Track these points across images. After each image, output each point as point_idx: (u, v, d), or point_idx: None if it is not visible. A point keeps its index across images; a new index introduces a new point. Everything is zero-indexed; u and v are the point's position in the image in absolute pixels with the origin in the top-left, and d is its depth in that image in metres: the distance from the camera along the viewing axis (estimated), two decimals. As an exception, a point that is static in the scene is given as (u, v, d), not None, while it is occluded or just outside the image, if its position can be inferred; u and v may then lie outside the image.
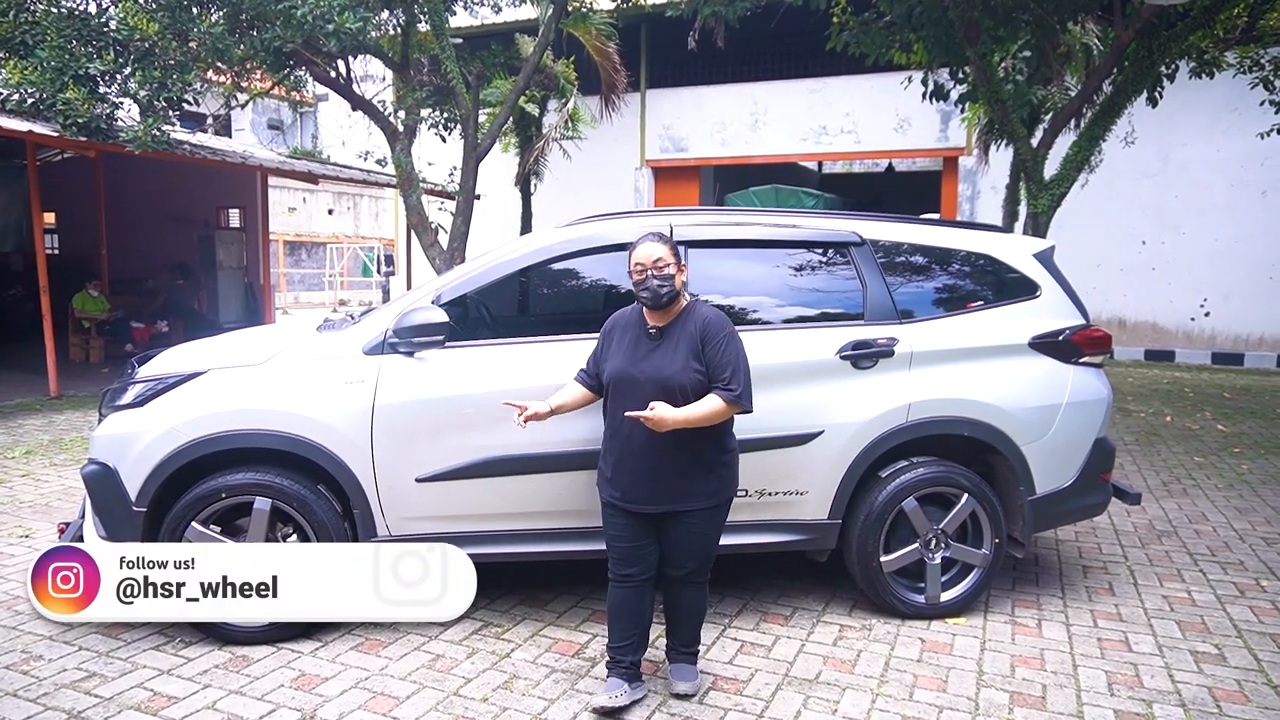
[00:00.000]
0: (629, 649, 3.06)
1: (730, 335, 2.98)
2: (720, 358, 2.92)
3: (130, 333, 11.95)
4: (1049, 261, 4.03)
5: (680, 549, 3.04)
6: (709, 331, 2.96)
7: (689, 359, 2.93)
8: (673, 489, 2.96)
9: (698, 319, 2.99)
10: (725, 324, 3.01)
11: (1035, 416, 3.80)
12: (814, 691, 3.17)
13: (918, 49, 9.04)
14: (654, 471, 2.95)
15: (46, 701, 3.03)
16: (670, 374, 2.92)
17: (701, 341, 2.95)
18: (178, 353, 3.80)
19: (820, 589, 4.12)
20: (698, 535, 3.02)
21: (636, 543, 3.04)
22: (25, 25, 8.40)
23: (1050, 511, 3.90)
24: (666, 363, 2.94)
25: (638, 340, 3.04)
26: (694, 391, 2.91)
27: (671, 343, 2.98)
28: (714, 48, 11.65)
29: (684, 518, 2.99)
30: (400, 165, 9.81)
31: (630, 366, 2.99)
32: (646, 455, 2.94)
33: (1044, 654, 3.49)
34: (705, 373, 2.93)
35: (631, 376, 2.97)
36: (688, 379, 2.91)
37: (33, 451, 6.85)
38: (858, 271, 3.81)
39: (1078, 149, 8.30)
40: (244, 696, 3.07)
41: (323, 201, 24.89)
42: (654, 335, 3.02)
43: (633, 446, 2.97)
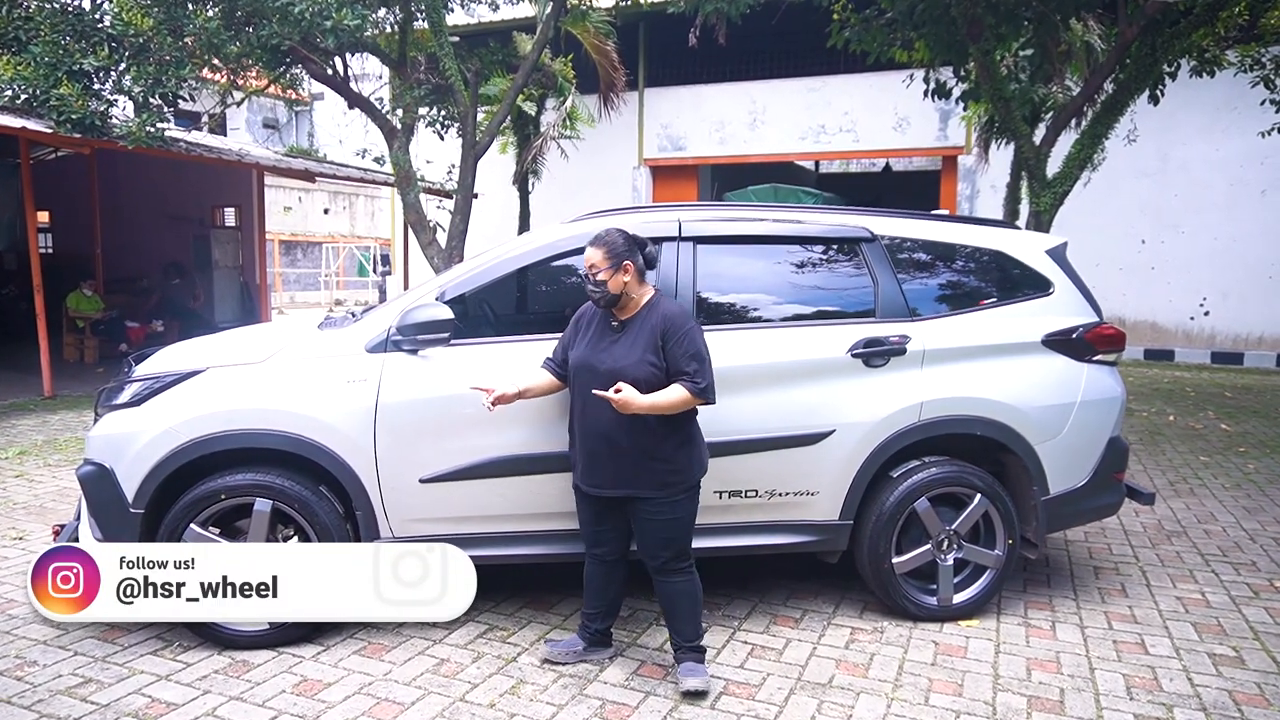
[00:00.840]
0: (596, 617, 3.30)
1: (691, 329, 3.02)
2: (683, 352, 2.97)
3: (125, 332, 11.84)
4: (1062, 258, 3.98)
5: (647, 537, 3.09)
6: (670, 327, 3.01)
7: (645, 353, 3.00)
8: (629, 475, 3.02)
9: (659, 314, 3.05)
10: (686, 319, 3.06)
11: (1049, 415, 3.74)
12: (827, 696, 3.11)
13: (919, 46, 8.99)
14: (611, 457, 3.03)
15: (42, 709, 2.95)
16: (624, 366, 2.98)
17: (663, 337, 3.00)
18: (176, 351, 3.72)
19: (829, 591, 4.06)
20: (662, 523, 3.05)
21: (599, 526, 3.19)
22: (18, 21, 8.31)
23: (1064, 512, 3.84)
24: (625, 355, 3.02)
25: (602, 332, 3.12)
26: (647, 385, 2.95)
27: (632, 336, 3.05)
28: (713, 46, 11.59)
29: (643, 505, 3.05)
30: (398, 163, 9.73)
31: (591, 357, 3.07)
32: (604, 441, 3.02)
33: (1059, 657, 3.43)
34: (661, 367, 2.99)
35: (591, 367, 3.05)
36: (641, 372, 2.96)
37: (26, 452, 6.76)
38: (869, 268, 3.74)
39: (1080, 147, 8.26)
40: (244, 703, 2.99)
41: (318, 201, 24.78)
42: (616, 328, 3.09)
43: (593, 432, 3.05)
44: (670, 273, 3.56)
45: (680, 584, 3.13)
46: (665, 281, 3.55)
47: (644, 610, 3.81)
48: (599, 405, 2.96)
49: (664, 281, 3.56)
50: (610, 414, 2.95)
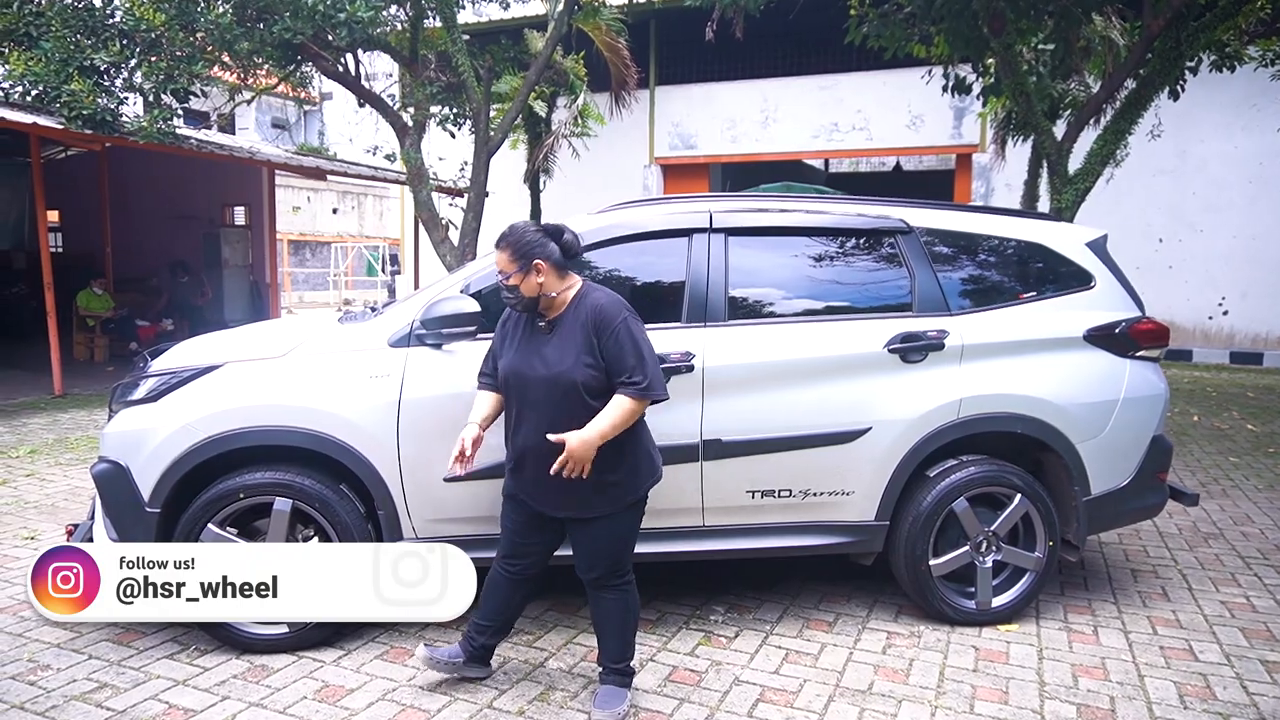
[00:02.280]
0: (485, 630, 3.03)
1: (625, 322, 2.71)
2: (619, 350, 2.68)
3: (135, 331, 11.78)
4: (1103, 250, 3.86)
5: (588, 551, 2.85)
6: (602, 322, 2.71)
7: (581, 354, 2.70)
8: (576, 499, 2.76)
9: (589, 308, 2.75)
10: (618, 310, 2.74)
11: (1091, 413, 3.62)
12: (869, 704, 2.99)
13: (938, 41, 8.86)
14: (545, 479, 2.70)
15: (55, 715, 2.85)
16: (562, 370, 2.70)
17: (596, 333, 2.71)
18: (193, 345, 3.62)
19: (862, 594, 3.94)
20: (607, 539, 2.82)
21: (526, 539, 2.93)
22: (29, 16, 8.24)
23: (1106, 513, 3.72)
24: (557, 358, 2.72)
25: (531, 334, 2.83)
26: (587, 389, 2.69)
27: (563, 336, 2.76)
28: (725, 44, 11.47)
29: (590, 522, 2.81)
30: (410, 161, 9.63)
31: (522, 363, 2.78)
32: (537, 458, 2.73)
33: (1105, 663, 3.31)
34: (600, 367, 2.70)
35: (523, 374, 2.77)
36: (579, 376, 2.69)
37: (37, 451, 6.68)
38: (905, 261, 3.63)
39: (1103, 142, 8.12)
40: (265, 710, 2.89)
41: (327, 201, 24.73)
42: (545, 329, 2.81)
43: (532, 454, 2.76)
44: (701, 266, 3.46)
45: (615, 600, 2.88)
46: (696, 275, 3.45)
47: (672, 614, 3.70)
48: (532, 418, 2.72)
49: (695, 275, 3.46)
50: (564, 426, 2.65)
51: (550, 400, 2.71)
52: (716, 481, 3.38)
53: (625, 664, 2.92)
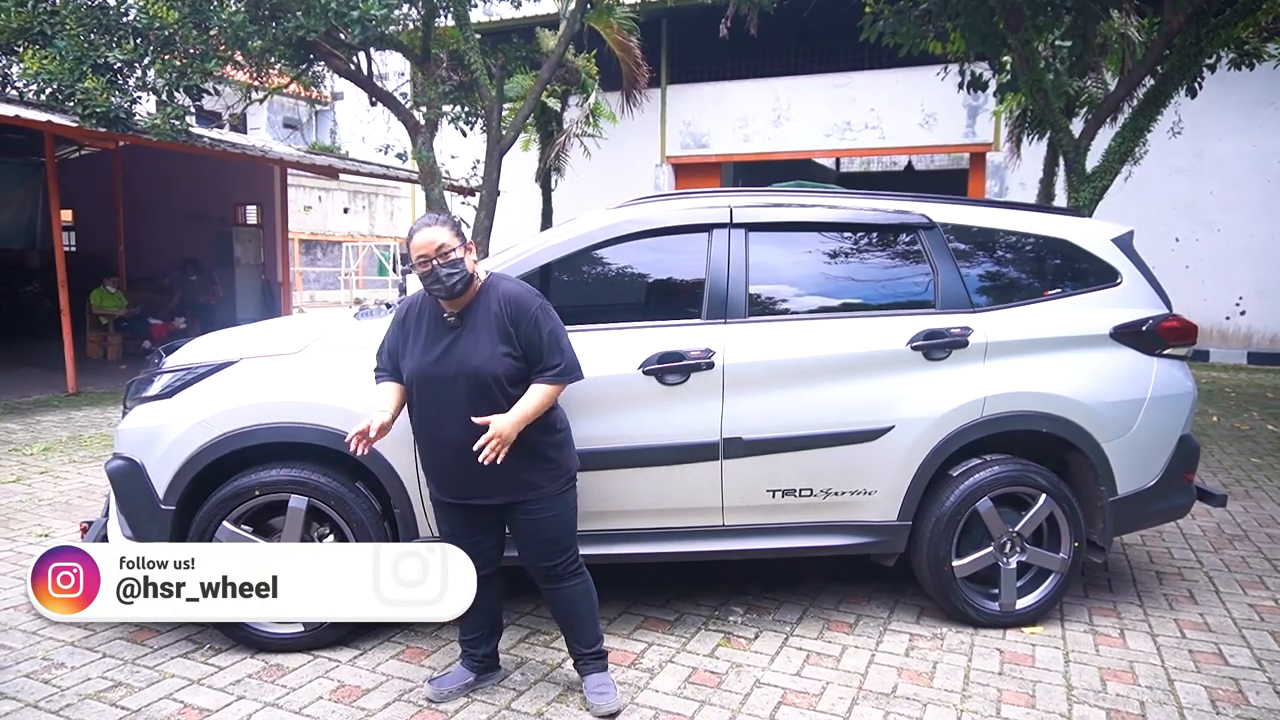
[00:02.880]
0: (479, 641, 2.99)
1: (541, 309, 2.71)
2: (538, 338, 2.68)
3: (148, 329, 11.81)
4: (1128, 247, 3.79)
5: (533, 539, 2.81)
6: (518, 310, 2.68)
7: (496, 344, 2.67)
8: (506, 481, 2.74)
9: (500, 296, 2.72)
10: (533, 298, 2.73)
11: (1117, 412, 3.55)
12: (893, 707, 2.94)
13: (954, 38, 8.79)
14: (477, 469, 2.67)
15: (70, 714, 2.82)
16: (478, 364, 2.66)
17: (512, 323, 2.68)
18: (208, 341, 3.59)
19: (882, 595, 3.88)
20: (546, 522, 2.79)
21: (472, 538, 2.86)
22: (44, 15, 8.26)
23: (1132, 513, 3.65)
24: (472, 352, 2.67)
25: (436, 332, 2.75)
26: (509, 378, 2.67)
27: (473, 328, 2.70)
28: (737, 43, 11.40)
29: (525, 506, 2.78)
30: (422, 159, 9.61)
31: (433, 364, 2.71)
32: (464, 454, 2.67)
33: (1134, 667, 3.24)
34: (519, 355, 2.68)
35: (438, 374, 2.70)
36: (500, 366, 2.66)
37: (51, 448, 6.67)
38: (928, 257, 3.57)
39: (1121, 140, 8.03)
40: (281, 710, 2.86)
41: (338, 200, 24.78)
42: (453, 323, 2.73)
43: (448, 447, 2.73)
44: (721, 261, 3.41)
45: (578, 587, 2.86)
46: (716, 271, 3.40)
47: (690, 615, 3.65)
48: (452, 417, 2.67)
49: (714, 271, 3.41)
50: (469, 424, 2.62)
51: (470, 396, 2.66)
52: (737, 480, 3.33)
53: (600, 645, 2.93)
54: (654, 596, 3.81)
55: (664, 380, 3.26)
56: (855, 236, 3.64)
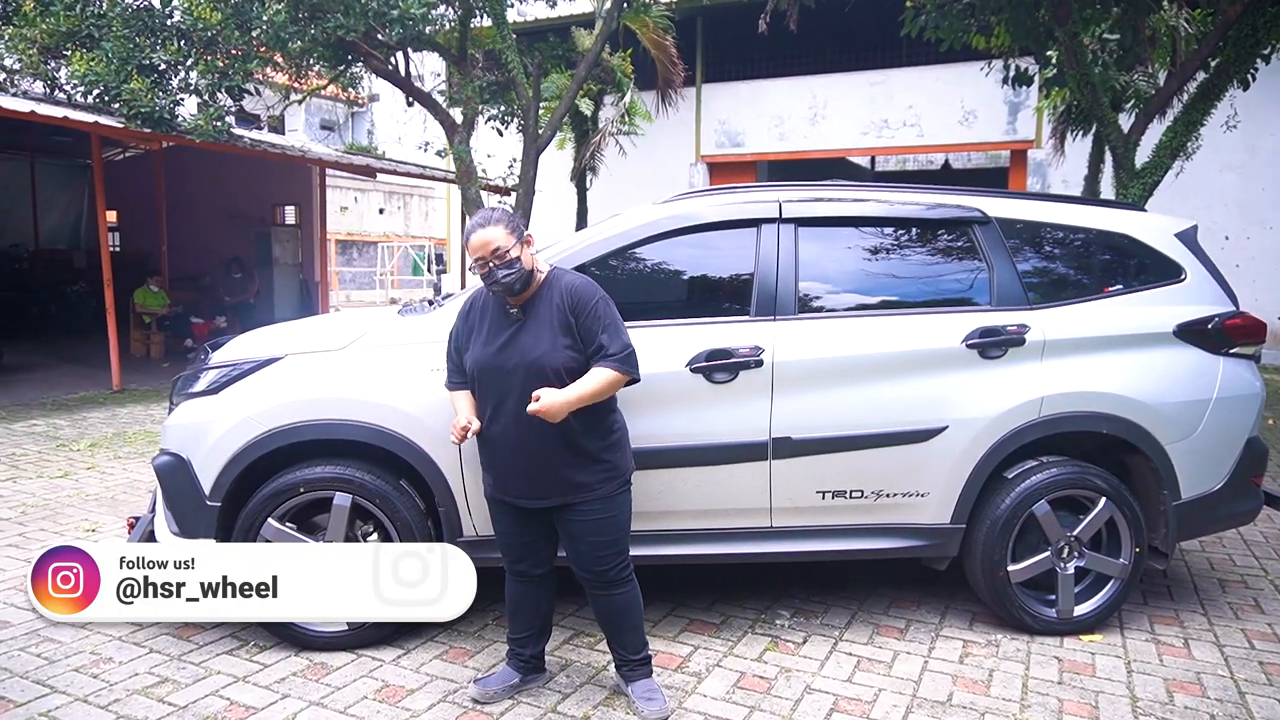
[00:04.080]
0: (526, 641, 2.95)
1: (602, 300, 2.67)
2: (597, 328, 2.63)
3: (190, 328, 11.98)
4: (1193, 242, 3.65)
5: (584, 542, 2.75)
6: (579, 302, 2.65)
7: (558, 336, 2.64)
8: (558, 483, 2.70)
9: (562, 289, 2.68)
10: (594, 290, 2.69)
11: (1181, 412, 3.42)
12: (949, 716, 2.85)
13: (998, 32, 8.62)
14: (534, 468, 2.68)
15: (119, 709, 2.82)
16: (538, 356, 2.62)
17: (573, 314, 2.64)
18: (253, 337, 3.59)
19: (932, 600, 3.78)
20: (599, 524, 2.73)
21: (525, 538, 2.85)
22: (91, 18, 8.39)
23: (1197, 518, 3.51)
24: (533, 344, 2.64)
25: (499, 324, 2.73)
26: (569, 372, 2.62)
27: (536, 321, 2.67)
28: (773, 41, 11.30)
29: (577, 508, 2.72)
30: (460, 158, 9.64)
31: (494, 355, 2.69)
32: (523, 451, 2.67)
33: (1201, 679, 3.12)
34: (579, 348, 2.64)
35: (498, 366, 2.67)
36: (561, 359, 2.62)
37: (97, 444, 6.77)
38: (983, 252, 3.47)
39: (1173, 134, 7.81)
40: (326, 709, 2.83)
41: (374, 201, 25.01)
42: (516, 316, 2.71)
43: (508, 442, 2.70)
44: (770, 257, 3.33)
45: (628, 594, 2.81)
46: (765, 267, 3.33)
47: (737, 618, 3.58)
48: (510, 409, 2.65)
49: (763, 267, 3.34)
50: (531, 420, 2.58)
51: (528, 389, 2.61)
52: (786, 481, 3.26)
53: (646, 650, 2.88)
54: (698, 598, 3.74)
55: (712, 378, 3.19)
56: (908, 232, 3.55)
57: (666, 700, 2.83)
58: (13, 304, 13.20)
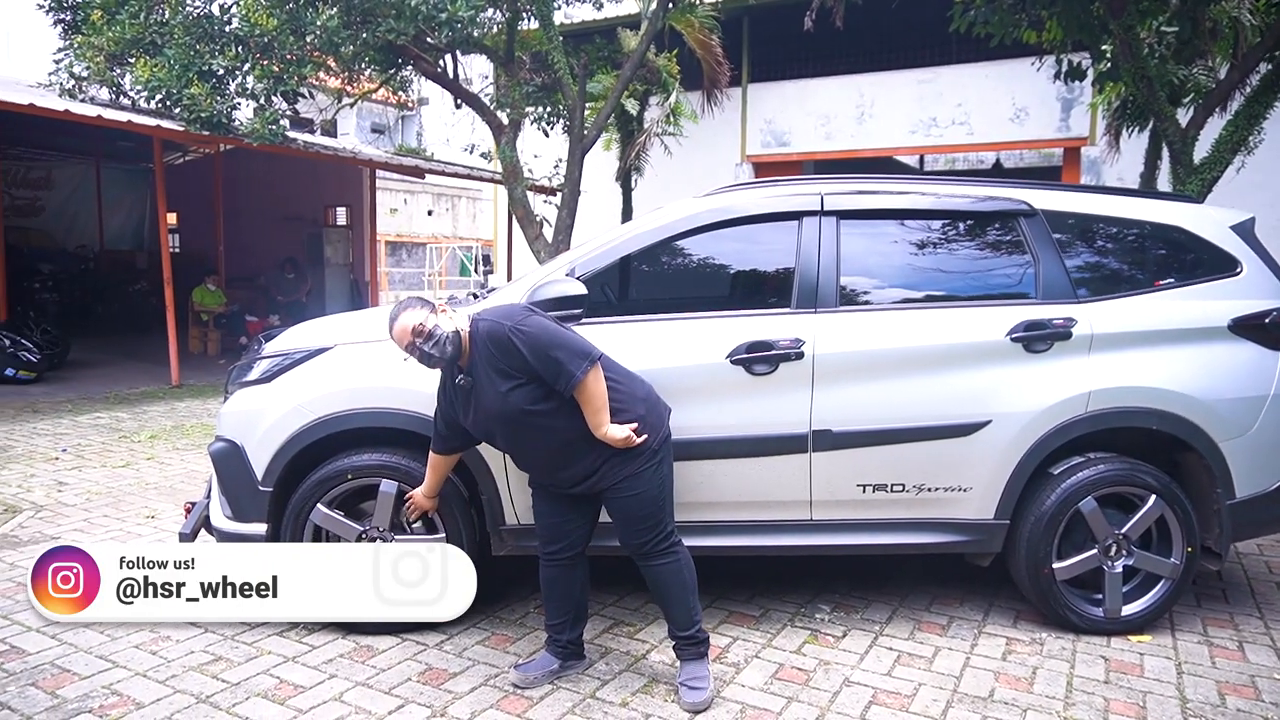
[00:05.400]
0: (563, 627, 3.00)
1: (512, 331, 2.69)
2: (526, 364, 2.68)
3: (245, 326, 12.32)
4: (1249, 235, 3.56)
5: (624, 517, 2.84)
6: (499, 347, 2.71)
7: (498, 385, 2.73)
8: (596, 476, 2.80)
9: (480, 341, 2.76)
10: (503, 328, 2.71)
11: (1236, 409, 3.34)
12: (990, 711, 2.82)
13: (1050, 26, 8.45)
14: (561, 465, 2.83)
15: (175, 684, 2.93)
16: (498, 410, 2.76)
17: (503, 359, 2.72)
18: (304, 328, 3.70)
19: (976, 596, 3.74)
20: (635, 499, 2.80)
21: (561, 518, 2.94)
22: (155, 26, 8.69)
23: (1252, 518, 3.42)
24: (489, 402, 2.77)
25: (462, 394, 2.86)
26: (531, 403, 2.72)
27: (480, 378, 2.78)
28: (819, 39, 11.21)
29: (617, 486, 2.80)
30: (506, 159, 9.76)
31: (475, 423, 2.87)
32: (546, 460, 2.87)
33: (1255, 682, 3.04)
34: (526, 379, 2.71)
35: (482, 428, 2.87)
36: (515, 401, 2.72)
37: (157, 436, 7.01)
38: (1029, 245, 3.42)
39: (1234, 128, 7.56)
40: (371, 689, 2.91)
41: (422, 203, 25.39)
42: (466, 384, 2.82)
43: (528, 461, 2.94)
44: (812, 250, 3.33)
45: (670, 566, 2.85)
46: (806, 259, 3.33)
47: (776, 610, 3.58)
48: (516, 447, 2.89)
49: (804, 259, 3.34)
50: (546, 441, 2.78)
51: (518, 433, 2.81)
52: (826, 474, 3.25)
53: (696, 629, 2.88)
54: (739, 590, 3.75)
55: (752, 370, 3.20)
56: (951, 224, 3.52)
57: (709, 691, 2.83)
58: (80, 303, 13.71)
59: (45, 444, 6.67)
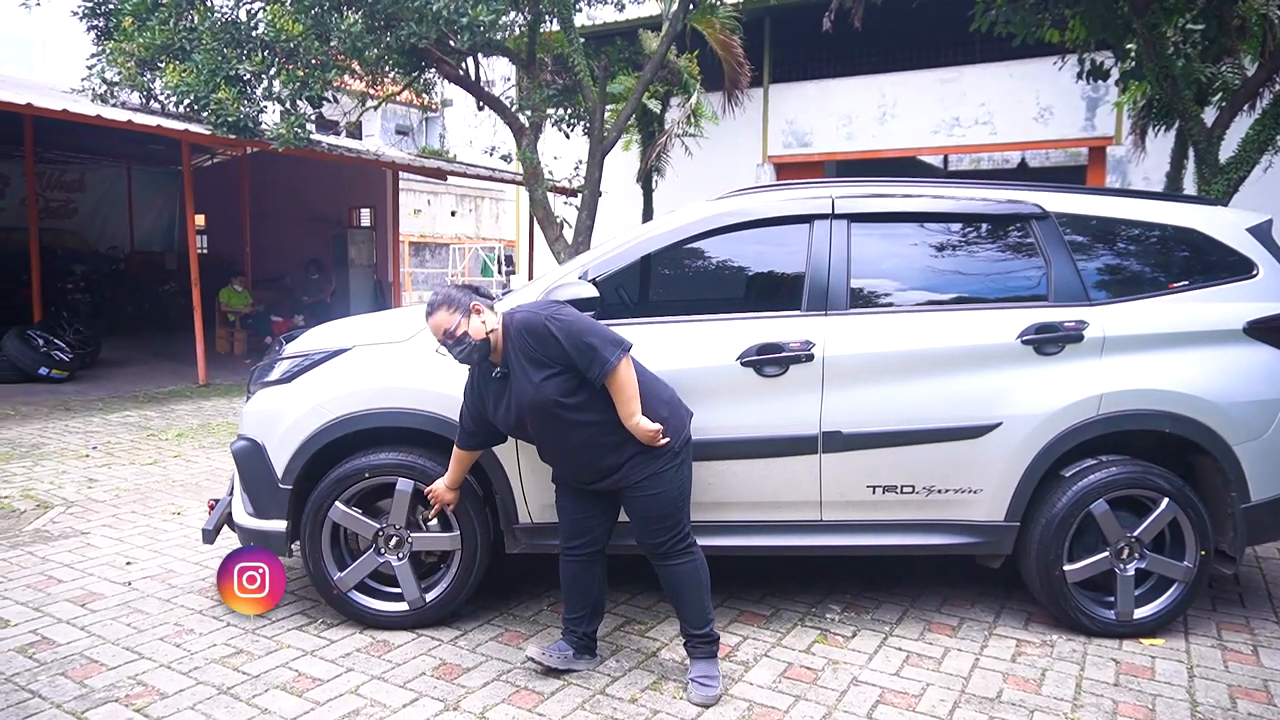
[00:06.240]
0: (581, 620, 3.06)
1: (549, 320, 2.76)
2: (563, 351, 2.74)
3: (270, 326, 12.50)
4: (1266, 237, 3.54)
5: (641, 517, 2.90)
6: (534, 337, 2.77)
7: (532, 374, 2.79)
8: (619, 473, 2.86)
9: (515, 333, 2.82)
10: (539, 317, 2.79)
11: (1251, 412, 3.32)
12: (997, 712, 2.83)
13: (1073, 24, 8.39)
14: (584, 464, 2.90)
15: (198, 675, 3.01)
16: (530, 400, 2.80)
17: (539, 349, 2.78)
18: (324, 330, 3.78)
19: (987, 598, 3.74)
20: (653, 499, 2.86)
21: (583, 514, 3.00)
22: (184, 32, 8.86)
23: (1267, 522, 3.40)
24: (521, 391, 2.82)
25: (495, 385, 2.92)
26: (564, 395, 2.78)
27: (515, 370, 2.84)
28: (840, 40, 11.18)
29: (639, 485, 2.86)
30: (527, 160, 9.84)
31: (505, 415, 2.91)
32: (570, 458, 2.92)
33: (1268, 686, 3.02)
34: (561, 370, 2.77)
35: (513, 420, 2.90)
36: (549, 391, 2.77)
37: (183, 434, 7.15)
38: (1040, 248, 3.43)
39: (1261, 127, 7.48)
40: (386, 683, 2.97)
41: (446, 204, 25.62)
42: (500, 373, 2.89)
43: (554, 457, 2.98)
44: (823, 252, 3.36)
45: (685, 566, 2.90)
46: (817, 262, 3.36)
47: (787, 610, 3.61)
48: (545, 441, 2.93)
49: (815, 262, 3.36)
50: (571, 435, 2.83)
51: (544, 424, 2.85)
52: (836, 475, 3.28)
53: (709, 629, 2.93)
54: (750, 590, 3.78)
55: (762, 372, 3.24)
56: (962, 227, 3.53)
57: (719, 688, 2.87)
58: (110, 303, 13.98)
59: (76, 441, 6.83)
